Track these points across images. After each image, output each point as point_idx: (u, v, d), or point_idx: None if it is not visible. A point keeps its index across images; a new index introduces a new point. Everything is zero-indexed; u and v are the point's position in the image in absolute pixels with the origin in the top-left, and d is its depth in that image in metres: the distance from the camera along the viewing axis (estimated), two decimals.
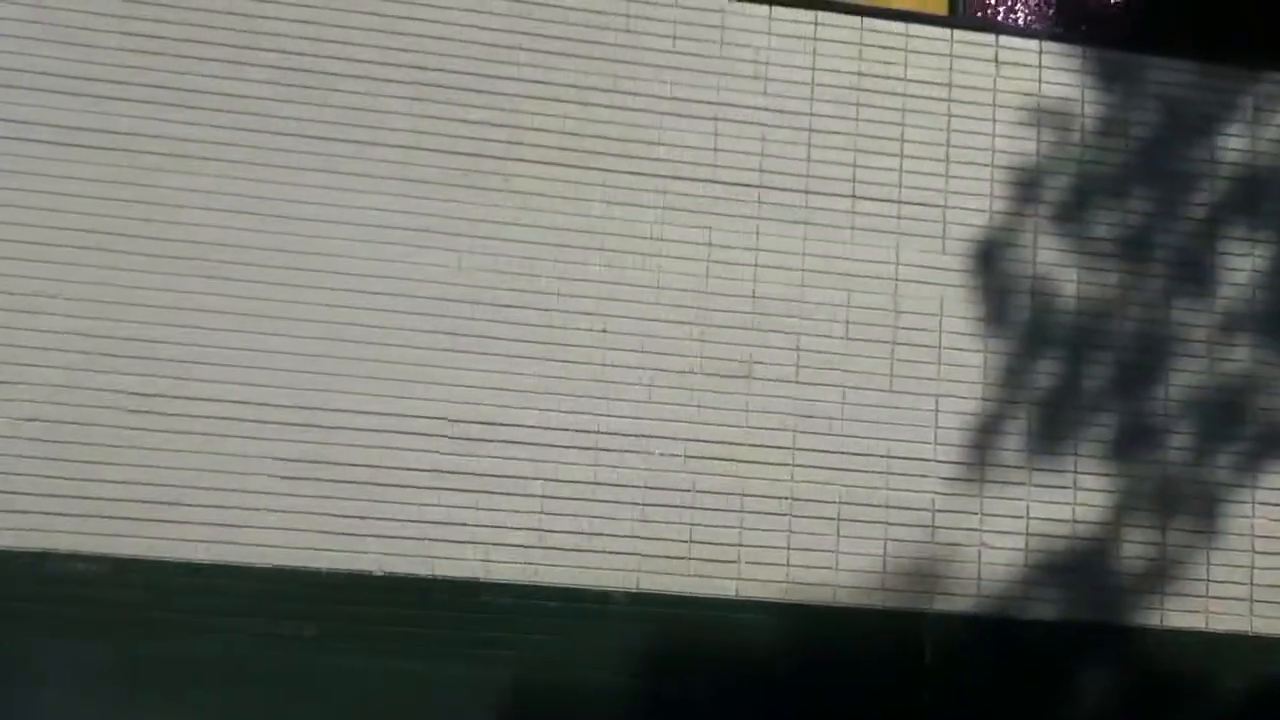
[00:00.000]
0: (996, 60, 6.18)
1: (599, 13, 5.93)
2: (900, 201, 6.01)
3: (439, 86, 5.77)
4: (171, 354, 5.45)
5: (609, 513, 5.62)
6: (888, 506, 5.82)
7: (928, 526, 5.85)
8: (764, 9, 6.05)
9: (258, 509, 5.43)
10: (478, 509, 5.52)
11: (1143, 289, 6.09)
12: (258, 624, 5.33)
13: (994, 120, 6.11)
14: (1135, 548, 5.93)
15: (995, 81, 6.15)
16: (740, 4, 6.04)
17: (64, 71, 5.53)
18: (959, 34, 6.16)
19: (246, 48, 5.66)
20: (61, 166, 5.49)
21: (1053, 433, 5.96)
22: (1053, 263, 6.06)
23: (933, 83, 6.10)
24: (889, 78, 6.07)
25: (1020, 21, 6.24)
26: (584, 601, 5.58)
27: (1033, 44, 6.21)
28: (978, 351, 5.98)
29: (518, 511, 5.56)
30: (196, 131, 5.59)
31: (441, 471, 5.53)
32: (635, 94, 5.89)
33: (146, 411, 5.40)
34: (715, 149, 5.90)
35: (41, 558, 5.27)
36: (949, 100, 6.10)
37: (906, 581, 5.82)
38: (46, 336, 5.42)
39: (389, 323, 5.61)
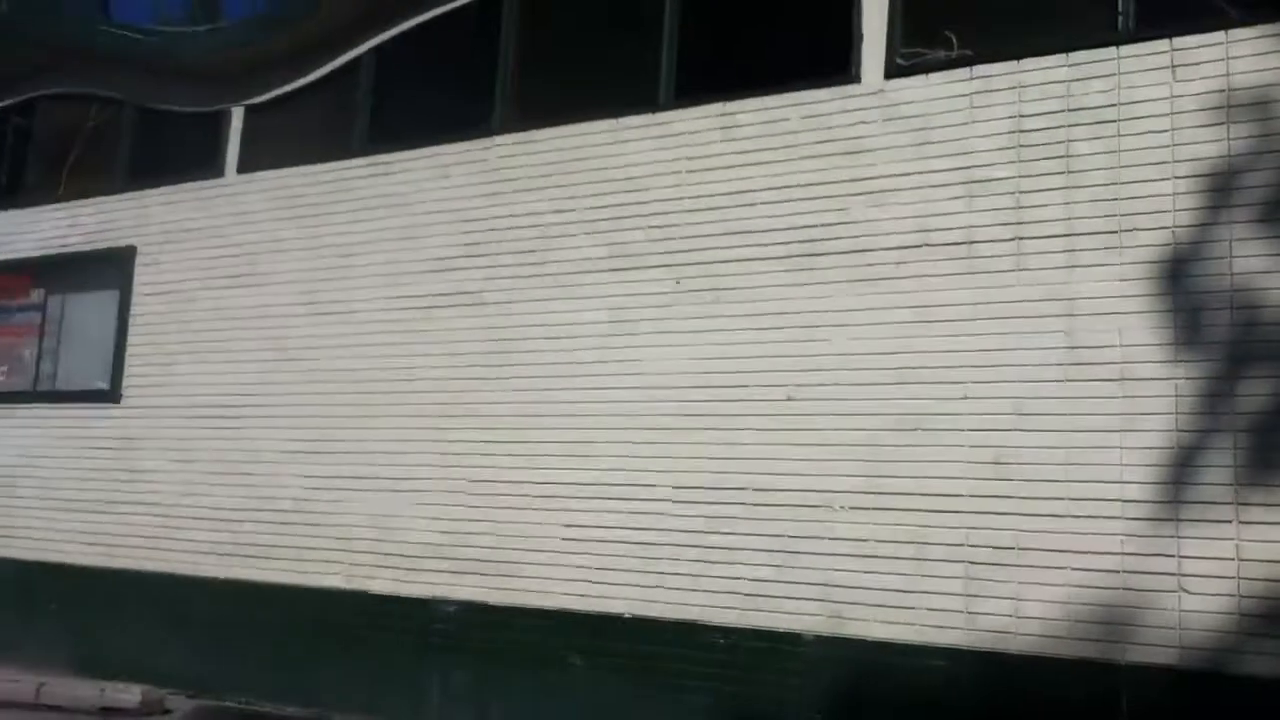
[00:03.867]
0: (1172, 65, 5.34)
1: None
2: (1070, 235, 5.44)
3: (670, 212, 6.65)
4: (501, 449, 6.94)
5: (802, 562, 5.81)
6: (1070, 551, 5.22)
7: (1116, 571, 5.12)
8: (922, 78, 5.97)
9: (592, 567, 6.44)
10: (690, 561, 6.13)
11: None
12: (533, 652, 6.52)
13: (1172, 129, 5.27)
14: None
15: (1172, 88, 5.32)
16: (894, 81, 6.04)
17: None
18: (1126, 49, 5.44)
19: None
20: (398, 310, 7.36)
21: (1266, 461, 4.85)
22: (1256, 270, 4.96)
23: (1099, 106, 5.47)
24: (1051, 112, 5.57)
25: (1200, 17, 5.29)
26: (779, 642, 5.85)
27: (1217, 36, 5.25)
28: (1168, 379, 5.10)
29: (727, 563, 6.02)
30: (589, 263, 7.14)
31: (660, 530, 6.24)
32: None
33: (490, 481, 6.95)
34: (871, 220, 5.93)
35: (424, 603, 7.01)
36: (1118, 120, 5.41)
37: (1096, 630, 5.10)
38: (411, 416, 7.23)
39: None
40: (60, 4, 10.56)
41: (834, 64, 6.17)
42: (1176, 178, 5.22)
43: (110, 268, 8.87)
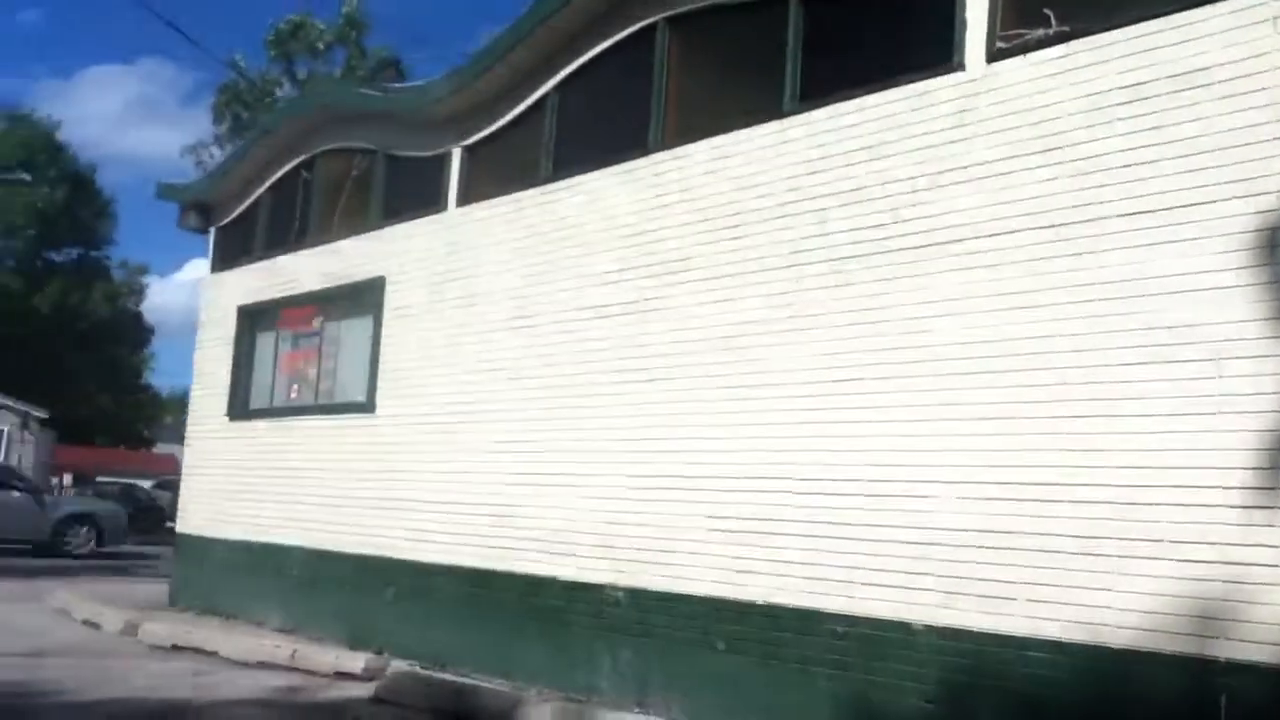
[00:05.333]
0: (1274, 17, 4.85)
1: None
2: (1168, 208, 5.07)
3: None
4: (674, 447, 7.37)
5: (911, 552, 5.78)
6: (1167, 541, 4.88)
7: (1215, 562, 4.73)
8: (1021, 59, 5.77)
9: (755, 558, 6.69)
10: (810, 550, 6.25)
11: None
12: (684, 635, 6.87)
13: (1273, 87, 4.80)
14: None
15: (1274, 41, 4.83)
16: (995, 64, 5.87)
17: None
18: (1222, 6, 5.01)
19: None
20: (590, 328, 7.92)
21: None
22: None
23: (1195, 70, 5.06)
24: (1147, 82, 5.22)
25: None
26: (891, 630, 5.83)
27: None
28: (1268, 356, 4.67)
29: (843, 552, 6.10)
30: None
31: (786, 520, 6.40)
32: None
33: (647, 475, 7.40)
34: (975, 207, 5.79)
35: (598, 589, 7.53)
36: (1214, 84, 4.98)
37: (1194, 624, 4.75)
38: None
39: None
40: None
41: (939, 54, 6.11)
42: (1278, 139, 4.79)
43: (367, 295, 10.17)
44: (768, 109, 6.95)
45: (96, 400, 42.59)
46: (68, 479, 50.78)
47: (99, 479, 46.69)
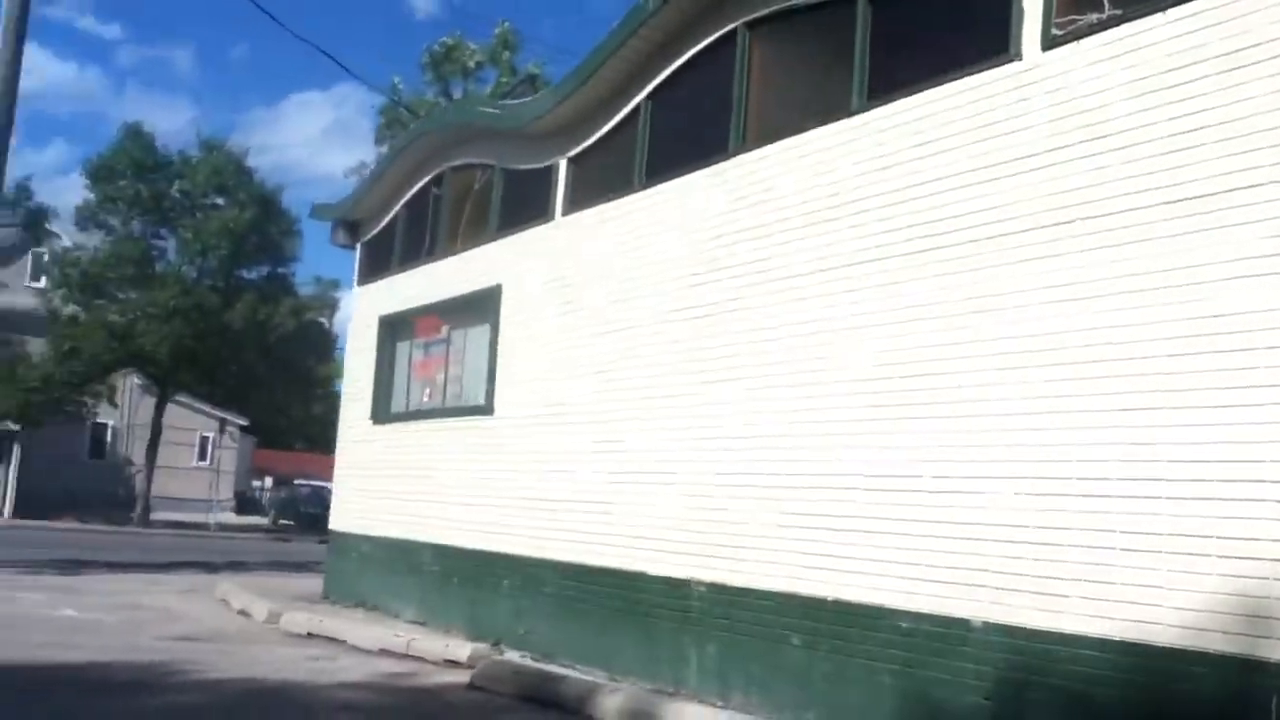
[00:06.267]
0: None
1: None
2: (1202, 196, 4.87)
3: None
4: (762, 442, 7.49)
5: (970, 549, 5.71)
6: (1219, 537, 4.68)
7: (1269, 560, 4.50)
8: (1074, 46, 5.62)
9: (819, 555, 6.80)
10: (876, 546, 6.24)
11: None
12: (760, 629, 6.95)
13: None
14: None
15: None
16: (1050, 53, 5.72)
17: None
18: None
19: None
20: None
21: None
22: None
23: (1234, 50, 4.83)
24: (1202, 60, 5.01)
25: None
26: (952, 627, 5.76)
27: None
28: None
29: (907, 549, 6.06)
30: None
31: (851, 516, 6.40)
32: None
33: (727, 474, 7.53)
34: (1029, 199, 5.68)
35: (684, 583, 7.71)
36: (1253, 64, 4.74)
37: (1247, 624, 4.54)
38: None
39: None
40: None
41: (996, 46, 6.03)
42: None
43: (486, 303, 10.65)
44: (838, 108, 6.99)
45: (291, 408, 45.39)
46: (268, 481, 54.62)
47: (296, 481, 49.94)
